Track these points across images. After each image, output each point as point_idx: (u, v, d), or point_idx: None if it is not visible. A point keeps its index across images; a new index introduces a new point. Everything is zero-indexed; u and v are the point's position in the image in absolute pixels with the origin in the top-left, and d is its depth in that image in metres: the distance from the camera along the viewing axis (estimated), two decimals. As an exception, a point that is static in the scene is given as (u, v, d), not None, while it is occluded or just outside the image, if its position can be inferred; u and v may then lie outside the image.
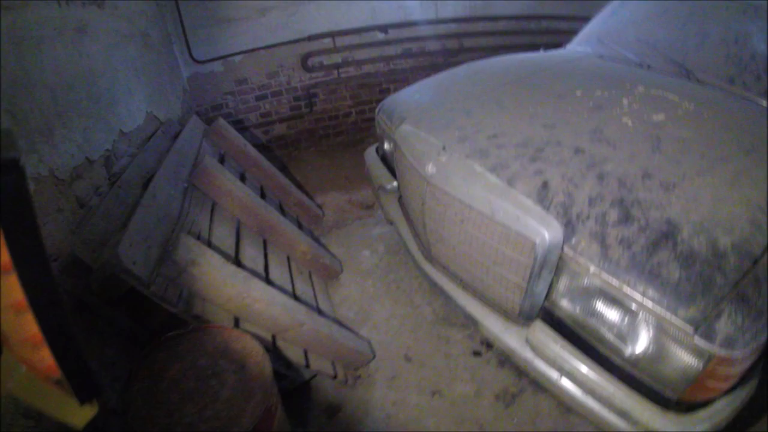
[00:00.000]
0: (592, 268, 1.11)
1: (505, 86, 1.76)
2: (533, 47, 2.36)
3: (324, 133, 3.74)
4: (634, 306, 1.07)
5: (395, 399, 1.70)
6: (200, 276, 1.43)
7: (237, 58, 3.16)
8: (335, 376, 1.69)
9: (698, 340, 0.96)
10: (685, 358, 1.03)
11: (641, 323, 1.09)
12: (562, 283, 1.24)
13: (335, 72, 3.49)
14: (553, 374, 1.26)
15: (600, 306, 1.17)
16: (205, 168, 1.94)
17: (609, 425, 1.16)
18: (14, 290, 0.57)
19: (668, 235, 1.08)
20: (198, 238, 1.64)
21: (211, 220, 1.85)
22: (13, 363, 0.64)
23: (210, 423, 1.05)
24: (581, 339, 1.24)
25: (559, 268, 1.21)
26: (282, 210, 2.50)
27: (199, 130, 2.48)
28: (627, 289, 1.06)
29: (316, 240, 2.49)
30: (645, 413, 1.06)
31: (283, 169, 3.24)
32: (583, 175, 1.25)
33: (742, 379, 1.07)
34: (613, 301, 1.13)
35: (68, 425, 0.71)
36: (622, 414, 1.11)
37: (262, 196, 2.41)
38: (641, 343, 1.11)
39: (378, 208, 2.76)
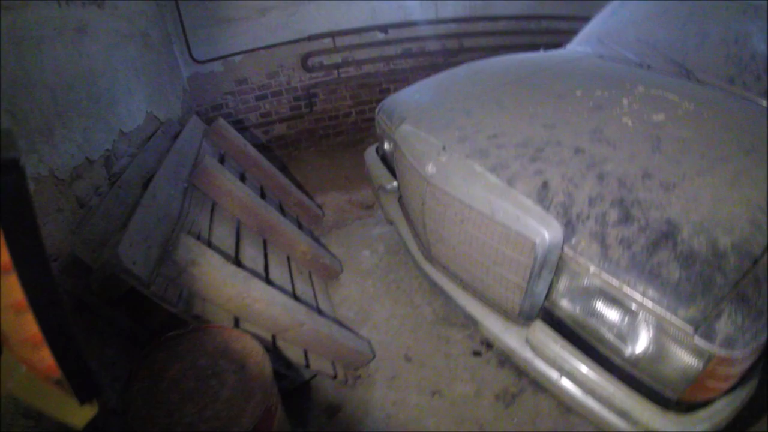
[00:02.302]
0: (592, 268, 1.11)
1: (505, 86, 1.76)
2: (533, 47, 2.36)
3: (324, 133, 3.74)
4: (634, 306, 1.07)
5: (395, 399, 1.70)
6: (200, 276, 1.43)
7: (237, 58, 3.16)
8: (335, 376, 1.69)
9: (698, 340, 0.96)
10: (685, 358, 1.03)
11: (641, 323, 1.09)
12: (562, 283, 1.24)
13: (335, 72, 3.49)
14: (553, 374, 1.26)
15: (600, 306, 1.17)
16: (205, 168, 1.94)
17: (609, 425, 1.16)
18: (14, 290, 0.57)
19: (668, 235, 1.08)
20: (198, 238, 1.64)
21: (211, 220, 1.85)
22: (13, 363, 0.64)
23: (210, 423, 1.05)
24: (581, 339, 1.24)
25: (559, 268, 1.20)
26: (282, 210, 2.49)
27: (199, 130, 2.48)
28: (627, 289, 1.06)
29: (316, 240, 2.49)
30: (645, 413, 1.06)
31: (283, 169, 3.24)
32: (583, 175, 1.25)
33: (742, 379, 1.07)
34: (613, 301, 1.13)
35: (68, 425, 0.71)
36: (622, 414, 1.11)
37: (262, 196, 2.41)
38: (641, 343, 1.11)
39: (378, 208, 2.76)
